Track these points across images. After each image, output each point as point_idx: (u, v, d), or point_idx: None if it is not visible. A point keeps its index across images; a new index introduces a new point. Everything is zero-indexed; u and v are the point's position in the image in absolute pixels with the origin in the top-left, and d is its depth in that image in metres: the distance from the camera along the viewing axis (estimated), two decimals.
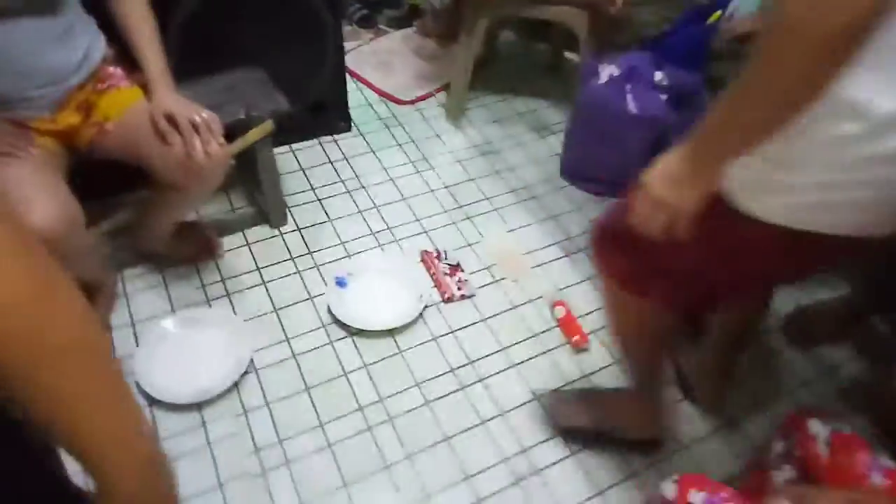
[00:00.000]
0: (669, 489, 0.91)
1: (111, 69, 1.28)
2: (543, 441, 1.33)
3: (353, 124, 2.06)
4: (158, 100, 1.23)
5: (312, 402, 1.37)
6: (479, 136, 2.08)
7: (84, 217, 1.20)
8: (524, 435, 1.34)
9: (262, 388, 1.39)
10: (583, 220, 1.82)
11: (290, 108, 1.54)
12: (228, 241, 1.68)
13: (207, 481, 1.24)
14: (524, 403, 1.40)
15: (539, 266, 1.69)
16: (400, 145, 2.03)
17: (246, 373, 1.40)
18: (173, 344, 1.44)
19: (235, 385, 1.38)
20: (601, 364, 1.48)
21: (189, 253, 1.61)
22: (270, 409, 1.35)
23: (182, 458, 1.27)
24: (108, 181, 1.52)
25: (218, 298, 1.56)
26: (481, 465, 1.29)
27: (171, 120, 1.21)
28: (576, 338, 1.49)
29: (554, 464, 1.30)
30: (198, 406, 1.34)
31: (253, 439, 1.30)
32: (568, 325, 1.52)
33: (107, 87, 1.26)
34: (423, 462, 1.29)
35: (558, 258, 1.72)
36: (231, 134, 1.36)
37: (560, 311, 1.54)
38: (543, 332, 1.53)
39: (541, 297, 1.61)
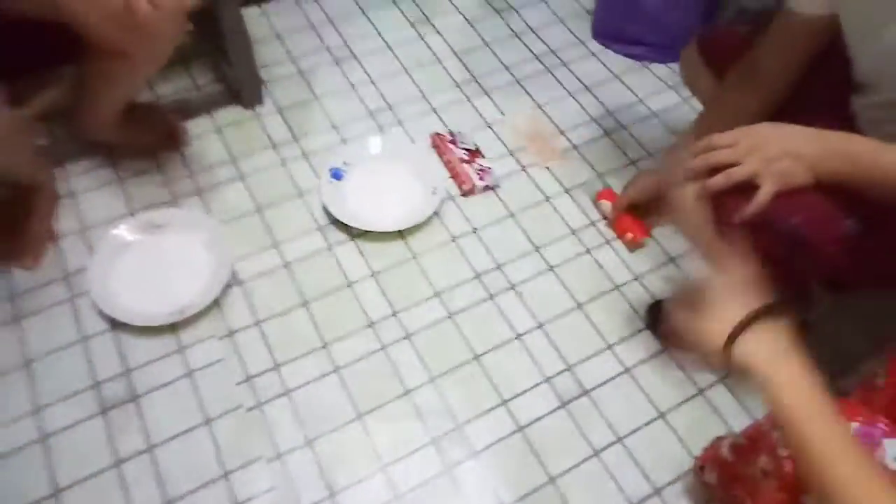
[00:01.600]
0: None
1: None
2: (590, 357, 1.13)
3: None
4: None
5: (312, 318, 1.14)
6: None
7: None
8: (568, 350, 1.13)
9: (249, 304, 1.15)
10: (623, 92, 1.51)
11: None
12: (193, 127, 1.37)
13: (191, 418, 1.02)
14: (566, 313, 1.17)
15: (574, 148, 1.41)
16: (395, 3, 1.66)
17: (229, 286, 1.15)
18: (137, 254, 1.17)
19: (217, 302, 1.13)
20: (661, 261, 1.25)
21: (146, 141, 1.30)
22: (262, 329, 1.12)
23: (158, 391, 1.04)
24: (29, 51, 1.17)
25: (187, 197, 1.27)
26: (520, 387, 1.09)
27: None
28: (629, 235, 1.24)
29: (605, 383, 1.10)
30: (172, 328, 1.10)
31: (244, 365, 1.08)
32: (621, 218, 1.26)
33: None
34: (451, 385, 1.08)
35: (596, 138, 1.43)
36: None
37: (606, 206, 1.28)
38: (584, 227, 1.28)
39: (581, 184, 1.34)
